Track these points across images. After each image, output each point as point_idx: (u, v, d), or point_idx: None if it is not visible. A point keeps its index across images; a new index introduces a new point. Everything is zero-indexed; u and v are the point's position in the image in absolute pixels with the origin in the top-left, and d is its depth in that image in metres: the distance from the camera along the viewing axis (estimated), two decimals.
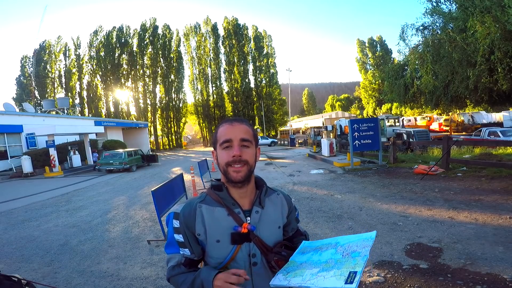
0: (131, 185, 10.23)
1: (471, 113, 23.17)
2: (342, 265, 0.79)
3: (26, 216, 6.50)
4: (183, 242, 0.95)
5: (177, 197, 5.27)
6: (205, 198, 0.99)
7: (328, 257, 0.85)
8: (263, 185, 1.04)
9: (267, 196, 1.04)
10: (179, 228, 0.95)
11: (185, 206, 0.98)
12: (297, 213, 1.15)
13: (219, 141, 0.95)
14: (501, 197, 5.22)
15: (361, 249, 0.82)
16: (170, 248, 0.98)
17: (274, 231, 1.01)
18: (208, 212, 0.95)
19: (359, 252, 0.81)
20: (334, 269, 0.78)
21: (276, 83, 46.63)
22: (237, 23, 45.68)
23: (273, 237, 0.99)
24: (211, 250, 0.94)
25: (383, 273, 2.94)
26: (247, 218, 0.96)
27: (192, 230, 0.94)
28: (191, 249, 0.95)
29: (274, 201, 1.05)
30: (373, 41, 52.50)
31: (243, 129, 0.95)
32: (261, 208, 0.99)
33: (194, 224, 0.94)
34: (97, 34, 43.43)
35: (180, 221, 0.95)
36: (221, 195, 0.97)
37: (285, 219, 1.06)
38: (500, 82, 11.52)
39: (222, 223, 0.94)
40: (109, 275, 3.37)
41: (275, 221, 1.02)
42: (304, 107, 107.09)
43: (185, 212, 0.96)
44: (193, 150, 36.47)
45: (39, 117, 20.13)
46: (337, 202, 5.86)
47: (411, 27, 14.82)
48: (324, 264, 0.83)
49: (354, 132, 9.97)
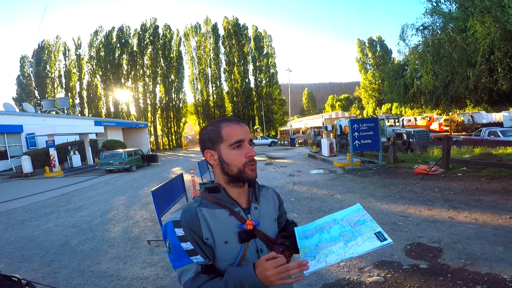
0: (131, 185, 10.23)
1: (471, 113, 23.17)
2: (362, 232, 0.81)
3: (26, 216, 6.50)
4: (193, 249, 0.88)
5: (177, 197, 5.26)
6: (202, 202, 0.95)
7: (339, 232, 0.87)
8: (255, 182, 1.04)
9: (260, 192, 1.07)
10: (184, 236, 0.88)
11: (183, 212, 0.91)
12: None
13: (227, 140, 0.93)
14: (501, 197, 5.22)
15: (362, 217, 0.85)
16: (180, 260, 0.88)
17: (272, 224, 1.04)
18: (210, 215, 0.91)
19: (364, 220, 0.83)
20: (358, 236, 0.80)
21: (276, 83, 46.60)
22: (237, 23, 45.67)
23: (272, 230, 1.02)
24: (220, 253, 0.90)
25: (383, 273, 2.94)
26: (248, 215, 0.96)
27: (200, 235, 0.89)
28: (204, 254, 0.89)
29: (266, 196, 1.08)
30: (373, 41, 52.47)
31: (248, 130, 0.99)
32: (258, 204, 1.01)
33: (200, 229, 0.89)
34: (97, 34, 43.41)
35: (184, 228, 0.88)
36: (219, 196, 0.95)
37: (278, 211, 1.11)
38: (500, 82, 11.53)
39: (226, 224, 0.92)
40: (109, 275, 3.37)
41: (271, 214, 1.05)
42: (304, 107, 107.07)
43: (187, 218, 0.89)
44: (193, 150, 36.45)
45: (39, 117, 20.13)
46: (337, 202, 5.86)
47: (411, 27, 14.84)
48: (342, 237, 0.84)
49: (354, 132, 9.97)
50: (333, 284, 2.83)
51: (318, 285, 2.82)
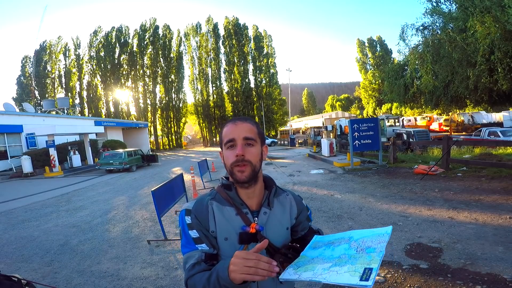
0: (131, 185, 10.23)
1: (471, 113, 23.17)
2: (356, 261, 0.74)
3: (26, 216, 6.50)
4: (199, 237, 0.92)
5: (177, 197, 5.26)
6: (216, 196, 0.98)
7: (341, 253, 0.81)
8: (273, 186, 1.02)
9: (276, 197, 1.03)
10: (192, 224, 0.93)
11: (196, 202, 0.97)
12: (309, 213, 1.12)
13: (223, 141, 0.95)
14: (501, 197, 5.22)
15: (377, 244, 0.77)
16: (187, 246, 0.93)
17: (282, 232, 1.00)
18: (218, 210, 0.95)
19: (375, 248, 0.76)
20: (348, 264, 0.74)
21: (276, 83, 46.57)
22: (238, 22, 45.63)
23: (280, 239, 0.98)
24: (220, 248, 0.94)
25: (383, 273, 2.94)
26: (255, 218, 0.96)
27: (207, 226, 0.93)
28: (209, 243, 0.92)
29: (282, 202, 1.03)
30: (373, 41, 52.47)
31: (247, 127, 0.95)
32: (270, 209, 0.98)
33: (208, 221, 0.93)
34: (97, 34, 43.40)
35: (192, 217, 0.94)
36: (231, 194, 0.97)
37: (294, 220, 1.05)
38: (500, 82, 11.52)
39: (230, 222, 0.93)
40: (109, 275, 3.37)
41: (282, 222, 1.01)
42: (304, 107, 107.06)
43: (198, 209, 0.95)
44: (193, 150, 36.45)
45: (39, 117, 20.12)
46: (337, 202, 5.86)
47: (411, 27, 14.82)
48: (337, 259, 0.79)
49: (354, 132, 9.97)
50: (333, 284, 2.82)
51: (318, 285, 2.82)
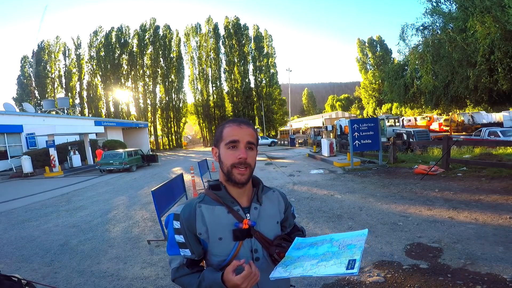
0: (131, 185, 10.23)
1: (471, 113, 23.18)
2: (340, 255, 0.82)
3: (26, 216, 6.50)
4: (184, 242, 0.96)
5: (177, 197, 5.26)
6: (204, 198, 1.00)
7: (325, 250, 0.88)
8: (259, 183, 1.07)
9: (264, 193, 1.07)
10: (179, 229, 0.96)
11: (185, 207, 0.99)
12: (292, 209, 1.19)
13: (224, 140, 0.97)
14: (501, 197, 5.22)
15: (356, 242, 0.86)
16: (172, 249, 0.99)
17: (273, 226, 1.04)
18: (208, 211, 0.97)
19: (355, 245, 0.85)
20: (334, 259, 0.82)
21: (276, 83, 46.59)
22: (238, 22, 45.63)
23: (272, 232, 1.03)
24: (214, 248, 0.96)
25: (383, 273, 2.94)
26: (247, 214, 0.98)
27: (193, 230, 0.96)
28: (192, 249, 0.97)
29: (270, 198, 1.08)
30: (373, 41, 52.50)
31: (250, 132, 0.98)
32: (259, 204, 1.02)
33: (195, 224, 0.95)
34: (97, 34, 43.43)
35: (181, 222, 0.96)
36: (220, 194, 0.99)
37: (283, 214, 1.10)
38: (500, 82, 11.54)
39: (223, 220, 0.96)
40: (109, 275, 3.37)
41: (273, 216, 1.05)
42: (304, 107, 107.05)
43: (185, 213, 0.97)
44: (193, 150, 36.46)
45: (39, 117, 20.13)
46: (337, 202, 5.86)
47: (411, 27, 14.84)
48: (322, 256, 0.86)
49: (354, 132, 9.97)
50: (333, 284, 2.83)
51: (318, 285, 2.82)
